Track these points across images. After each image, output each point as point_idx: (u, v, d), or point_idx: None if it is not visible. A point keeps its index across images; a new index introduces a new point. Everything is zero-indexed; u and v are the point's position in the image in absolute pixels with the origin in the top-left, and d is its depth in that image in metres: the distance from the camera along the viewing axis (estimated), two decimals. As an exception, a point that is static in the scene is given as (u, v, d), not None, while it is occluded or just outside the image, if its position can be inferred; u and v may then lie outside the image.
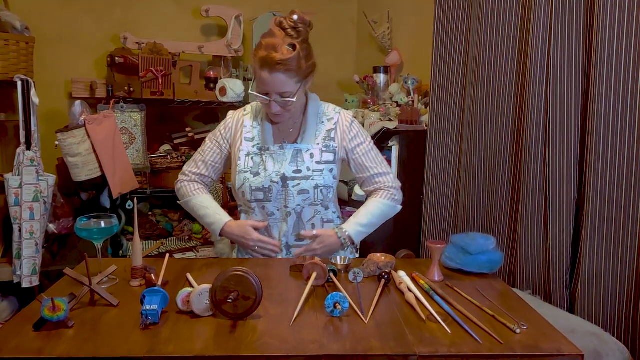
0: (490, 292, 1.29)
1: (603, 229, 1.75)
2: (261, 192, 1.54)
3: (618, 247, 1.73)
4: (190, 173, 1.68)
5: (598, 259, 1.77)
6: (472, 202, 2.35)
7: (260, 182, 1.53)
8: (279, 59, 1.39)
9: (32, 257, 2.35)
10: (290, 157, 1.55)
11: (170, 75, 2.87)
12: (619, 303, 1.74)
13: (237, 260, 1.63)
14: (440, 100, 2.52)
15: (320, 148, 1.57)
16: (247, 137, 1.59)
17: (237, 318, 1.09)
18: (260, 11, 3.25)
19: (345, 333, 1.05)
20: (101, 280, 1.24)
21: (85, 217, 1.32)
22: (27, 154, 2.32)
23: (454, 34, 2.44)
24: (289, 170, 1.53)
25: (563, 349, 1.00)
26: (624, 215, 1.71)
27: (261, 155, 1.56)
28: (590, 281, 1.79)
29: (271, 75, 1.41)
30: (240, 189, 1.56)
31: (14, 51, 2.47)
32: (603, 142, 1.72)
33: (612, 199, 1.73)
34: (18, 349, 0.96)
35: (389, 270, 1.35)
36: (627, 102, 1.67)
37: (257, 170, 1.54)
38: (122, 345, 0.98)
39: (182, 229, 3.16)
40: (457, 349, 0.98)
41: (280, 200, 1.55)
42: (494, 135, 2.21)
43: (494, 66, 2.17)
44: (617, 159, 1.71)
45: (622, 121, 1.69)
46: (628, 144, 1.68)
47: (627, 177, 1.69)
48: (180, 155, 3.07)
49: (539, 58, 1.93)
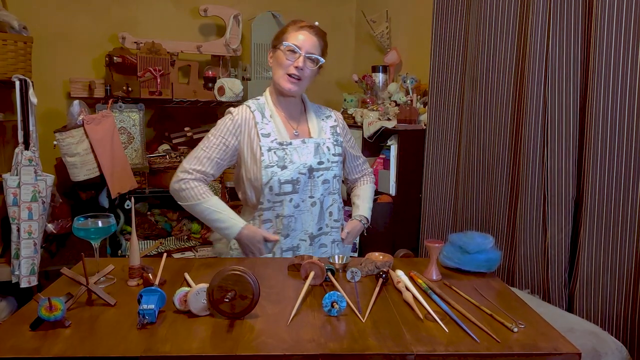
0: (488, 291, 1.29)
1: (601, 228, 1.76)
2: (289, 185, 1.60)
3: (616, 246, 1.73)
4: (194, 171, 1.61)
5: (596, 258, 1.77)
6: (471, 201, 2.35)
7: (289, 175, 1.59)
8: (318, 27, 1.65)
9: (30, 257, 2.35)
10: (313, 149, 1.65)
11: (168, 75, 2.87)
12: (617, 302, 1.74)
13: (234, 259, 1.63)
14: (439, 99, 2.52)
15: (332, 142, 1.71)
16: (263, 133, 1.62)
17: (235, 317, 1.09)
18: (258, 10, 3.25)
19: (343, 332, 1.05)
20: (98, 280, 1.24)
21: (83, 217, 1.32)
22: (26, 154, 2.32)
23: (453, 33, 2.44)
24: (314, 162, 1.63)
25: (560, 347, 1.00)
26: (622, 214, 1.71)
27: (284, 149, 1.61)
28: (588, 280, 1.79)
29: (309, 35, 1.60)
30: (268, 184, 1.59)
31: (12, 51, 2.47)
32: (601, 141, 1.72)
33: (610, 198, 1.73)
34: (14, 349, 0.96)
35: (386, 270, 1.35)
36: (625, 102, 1.67)
37: (283, 163, 1.60)
38: (119, 344, 0.98)
39: (181, 229, 3.16)
40: (455, 348, 0.98)
41: (307, 191, 1.64)
42: (492, 134, 2.21)
43: (492, 65, 2.17)
44: (615, 158, 1.71)
45: (620, 120, 1.69)
46: (626, 143, 1.68)
47: (625, 176, 1.69)
48: (179, 154, 3.06)
49: (537, 57, 1.93)
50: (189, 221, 3.20)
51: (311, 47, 1.59)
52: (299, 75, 1.59)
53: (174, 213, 3.24)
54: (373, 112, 2.81)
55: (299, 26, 1.61)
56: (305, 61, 1.59)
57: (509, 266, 2.17)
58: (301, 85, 1.62)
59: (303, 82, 1.62)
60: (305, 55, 1.58)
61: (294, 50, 1.58)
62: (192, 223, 3.18)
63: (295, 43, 1.58)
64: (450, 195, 2.53)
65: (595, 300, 1.78)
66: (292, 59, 1.59)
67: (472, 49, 2.30)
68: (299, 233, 1.65)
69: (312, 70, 1.62)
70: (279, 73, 1.61)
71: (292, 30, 1.61)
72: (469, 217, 2.37)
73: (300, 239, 1.65)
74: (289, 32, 1.61)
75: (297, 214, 1.63)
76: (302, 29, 1.61)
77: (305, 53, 1.58)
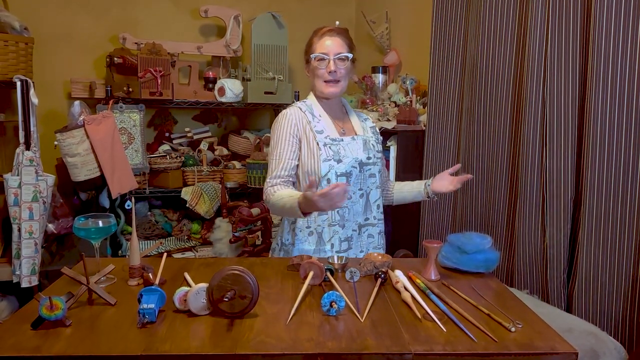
0: (486, 291, 1.29)
1: (600, 228, 1.76)
2: (344, 177, 1.69)
3: (615, 246, 1.74)
4: (273, 178, 1.68)
5: (595, 258, 1.77)
6: (470, 202, 2.36)
7: (344, 168, 1.68)
8: (338, 27, 1.76)
9: (31, 257, 2.36)
10: (362, 145, 1.75)
11: (169, 76, 2.87)
12: (615, 302, 1.74)
13: (234, 259, 1.64)
14: (438, 100, 2.52)
15: (374, 139, 1.83)
16: (317, 130, 1.72)
17: (234, 317, 1.10)
18: (258, 11, 3.26)
19: (341, 331, 1.05)
20: (99, 280, 1.25)
21: (83, 217, 1.33)
22: (26, 154, 2.33)
23: (452, 34, 2.45)
24: (363, 157, 1.73)
25: (558, 347, 1.00)
26: (621, 215, 1.71)
27: (337, 144, 1.71)
28: (587, 280, 1.79)
29: (331, 38, 1.70)
30: (326, 176, 1.67)
31: (13, 51, 2.48)
32: (600, 141, 1.73)
33: (609, 198, 1.73)
34: (15, 347, 0.97)
35: (385, 270, 1.36)
36: (624, 102, 1.67)
37: (338, 157, 1.68)
38: (119, 343, 0.99)
39: (181, 229, 3.17)
40: (452, 347, 0.99)
41: (357, 184, 1.72)
42: (491, 135, 2.22)
43: (491, 66, 2.18)
44: (614, 159, 1.71)
45: (618, 121, 1.69)
46: (625, 144, 1.69)
47: (623, 176, 1.70)
48: (179, 155, 3.07)
49: (536, 58, 1.94)
50: (189, 221, 3.21)
51: (338, 48, 1.69)
52: (336, 78, 1.70)
53: (174, 213, 3.24)
54: (373, 112, 2.81)
55: (321, 34, 1.72)
56: (336, 63, 1.69)
57: (508, 266, 2.17)
58: (341, 85, 1.73)
59: (342, 82, 1.73)
60: (334, 59, 1.68)
61: (323, 58, 1.69)
62: (192, 223, 3.18)
63: (322, 51, 1.69)
64: (450, 195, 2.53)
65: (594, 301, 1.79)
66: (324, 66, 1.70)
67: (472, 50, 2.30)
68: (351, 224, 1.72)
69: (346, 67, 1.71)
70: (318, 82, 1.73)
71: (316, 40, 1.72)
72: (468, 218, 2.37)
73: (352, 229, 1.73)
74: (314, 43, 1.72)
75: (350, 205, 1.71)
76: (324, 35, 1.71)
77: (333, 56, 1.68)
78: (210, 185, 2.99)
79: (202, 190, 2.94)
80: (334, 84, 1.71)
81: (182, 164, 3.02)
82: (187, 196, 2.91)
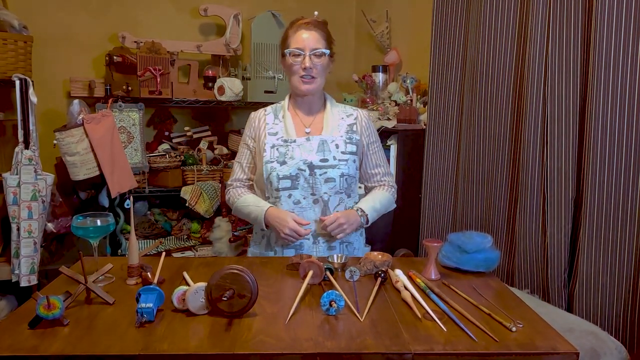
0: (487, 291, 1.29)
1: (601, 228, 1.75)
2: (288, 180, 1.61)
3: (616, 246, 1.73)
4: (233, 181, 1.76)
5: (596, 258, 1.77)
6: (470, 201, 2.35)
7: (287, 170, 1.61)
8: (315, 20, 1.66)
9: (30, 256, 2.35)
10: (316, 146, 1.64)
11: (168, 74, 2.87)
12: (616, 302, 1.74)
13: (233, 258, 1.63)
14: (439, 99, 2.52)
15: (344, 139, 1.67)
16: (270, 132, 1.68)
17: (233, 316, 1.09)
18: (258, 10, 3.25)
19: (341, 331, 1.05)
20: (97, 279, 1.24)
21: (82, 216, 1.32)
22: (25, 153, 2.32)
23: (453, 33, 2.44)
24: (315, 159, 1.62)
25: (558, 347, 1.00)
26: (622, 214, 1.71)
27: (287, 146, 1.64)
28: (588, 280, 1.79)
29: (308, 31, 1.62)
30: (268, 179, 1.63)
31: (12, 50, 2.47)
32: (601, 141, 1.72)
33: (609, 197, 1.72)
34: (13, 347, 0.96)
35: (385, 269, 1.35)
36: (625, 102, 1.67)
37: (283, 159, 1.62)
38: (117, 343, 0.98)
39: (181, 228, 3.16)
40: (452, 347, 0.98)
41: (308, 189, 1.63)
42: (492, 134, 2.21)
43: (492, 65, 2.17)
44: (614, 159, 1.71)
45: (619, 121, 1.69)
46: (625, 144, 1.68)
47: (624, 176, 1.69)
48: (179, 154, 3.07)
49: (537, 57, 1.93)
50: (188, 221, 3.21)
51: (314, 43, 1.61)
52: (311, 75, 1.62)
53: (173, 212, 3.24)
54: (373, 112, 2.80)
55: (297, 26, 1.63)
56: (312, 59, 1.60)
57: (509, 266, 2.17)
58: (317, 82, 1.64)
59: (318, 79, 1.64)
60: (309, 54, 1.60)
61: (298, 54, 1.60)
62: (191, 222, 3.18)
63: (297, 46, 1.61)
64: (450, 194, 2.52)
65: (595, 301, 1.78)
66: (299, 61, 1.61)
67: (472, 49, 2.30)
68: None
69: (323, 64, 1.63)
70: (293, 78, 1.65)
71: (291, 33, 1.64)
72: (469, 217, 2.37)
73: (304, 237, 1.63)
74: (289, 36, 1.64)
75: (297, 210, 1.62)
76: (300, 28, 1.62)
77: (309, 52, 1.60)
78: (210, 185, 2.98)
79: (202, 190, 2.94)
80: (309, 81, 1.62)
81: (182, 163, 3.01)
82: (186, 195, 2.91)
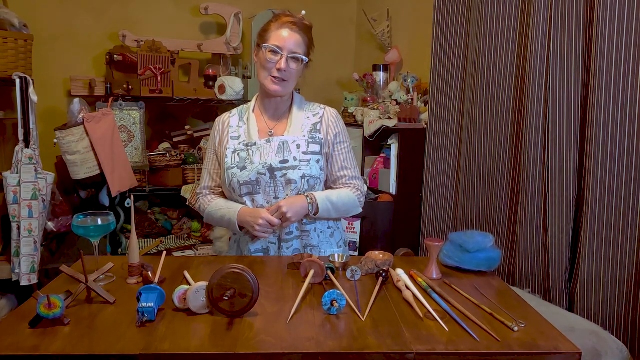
0: (488, 290, 1.28)
1: (602, 228, 1.75)
2: (249, 185, 1.56)
3: (617, 245, 1.73)
4: (202, 189, 1.72)
5: (597, 258, 1.76)
6: (472, 200, 2.35)
7: (247, 176, 1.55)
8: (301, 21, 1.55)
9: (30, 255, 2.35)
10: (276, 148, 1.57)
11: (169, 73, 2.86)
12: (618, 301, 1.74)
13: (234, 258, 1.62)
14: (440, 98, 2.51)
15: (306, 139, 1.59)
16: (232, 136, 1.62)
17: (234, 315, 1.09)
18: (259, 9, 3.25)
19: (342, 331, 1.04)
20: (98, 278, 1.24)
21: (82, 215, 1.32)
22: (26, 152, 2.32)
23: (453, 32, 2.43)
24: (275, 161, 1.55)
25: (561, 346, 0.99)
26: (624, 214, 1.70)
27: (247, 150, 1.58)
28: (589, 279, 1.78)
29: (291, 32, 1.52)
30: (230, 185, 1.59)
31: (13, 49, 2.47)
32: (602, 140, 1.71)
33: (611, 197, 1.72)
34: (13, 347, 0.96)
35: (386, 268, 1.35)
36: (627, 100, 1.66)
37: (243, 164, 1.56)
38: (118, 342, 0.98)
39: (181, 227, 3.16)
40: (454, 347, 0.98)
41: (270, 192, 1.57)
42: (493, 133, 2.21)
43: (493, 64, 2.17)
44: (616, 157, 1.70)
45: (621, 119, 1.68)
46: (627, 142, 1.68)
47: (626, 175, 1.69)
48: (180, 153, 3.06)
49: (539, 55, 1.93)
50: (189, 220, 3.20)
51: (294, 46, 1.52)
52: (283, 77, 1.53)
53: (174, 211, 3.23)
54: (374, 111, 2.80)
55: (282, 22, 1.53)
56: (289, 61, 1.51)
57: (510, 265, 2.16)
58: (287, 85, 1.56)
59: (289, 83, 1.55)
60: (288, 56, 1.51)
61: (275, 52, 1.51)
62: (192, 222, 3.17)
63: (277, 44, 1.51)
64: (451, 194, 2.52)
65: (596, 300, 1.78)
66: (274, 60, 1.51)
67: (473, 47, 2.29)
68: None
69: (297, 69, 1.55)
70: (263, 74, 1.55)
71: (274, 27, 1.53)
72: (470, 216, 2.36)
73: (270, 241, 1.59)
74: (272, 30, 1.53)
75: None
76: (284, 26, 1.52)
77: (288, 53, 1.51)
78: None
79: (202, 189, 2.93)
80: (280, 83, 1.53)
81: (182, 162, 3.01)
82: (187, 194, 2.90)
